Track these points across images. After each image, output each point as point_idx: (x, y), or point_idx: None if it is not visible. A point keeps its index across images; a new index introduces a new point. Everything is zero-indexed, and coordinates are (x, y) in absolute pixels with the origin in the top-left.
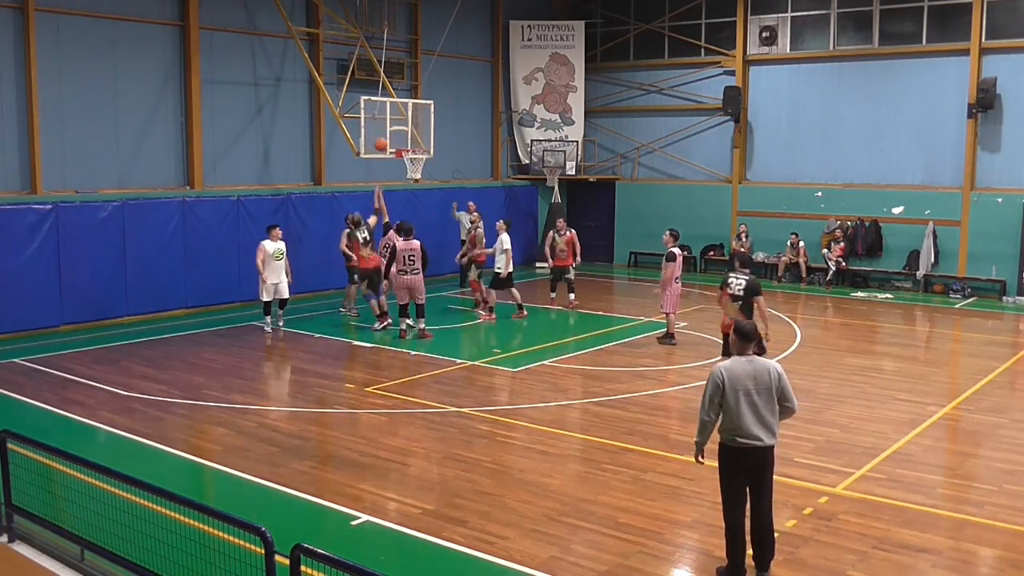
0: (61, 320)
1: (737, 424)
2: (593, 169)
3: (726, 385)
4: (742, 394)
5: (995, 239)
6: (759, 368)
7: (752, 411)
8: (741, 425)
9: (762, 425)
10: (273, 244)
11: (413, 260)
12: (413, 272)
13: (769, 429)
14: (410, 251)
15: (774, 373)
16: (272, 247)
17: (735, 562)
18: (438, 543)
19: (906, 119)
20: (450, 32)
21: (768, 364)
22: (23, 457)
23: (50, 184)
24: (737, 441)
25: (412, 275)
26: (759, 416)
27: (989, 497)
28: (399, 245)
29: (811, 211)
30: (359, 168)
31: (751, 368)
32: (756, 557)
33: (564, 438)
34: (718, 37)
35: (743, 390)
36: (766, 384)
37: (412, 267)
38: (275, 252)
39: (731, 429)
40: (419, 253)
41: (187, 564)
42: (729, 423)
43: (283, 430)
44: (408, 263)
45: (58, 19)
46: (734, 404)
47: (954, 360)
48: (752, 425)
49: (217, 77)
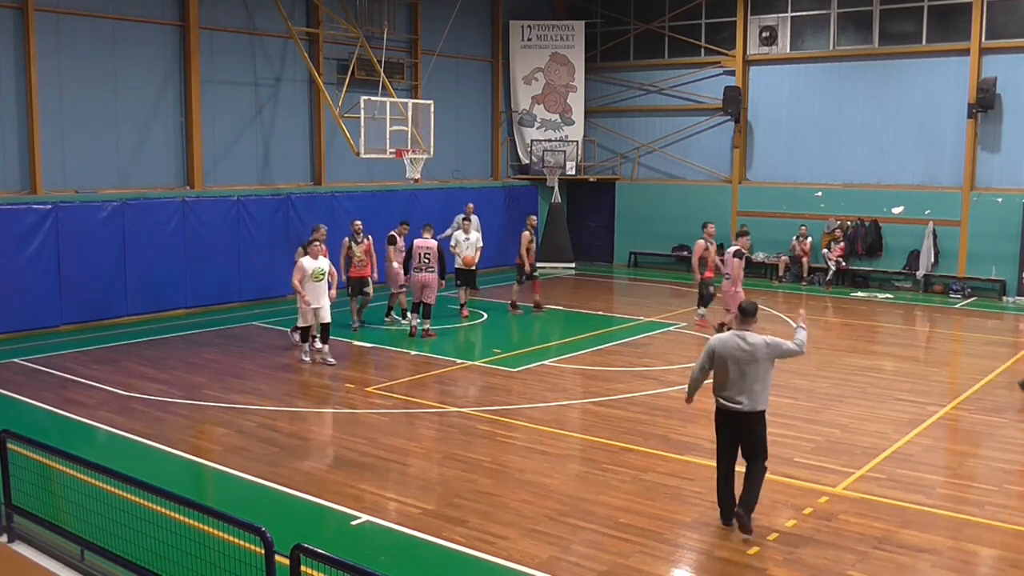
0: (61, 320)
1: (724, 388)
2: (593, 169)
3: (716, 353)
4: (730, 362)
5: (995, 239)
6: (750, 343)
7: (738, 378)
8: (726, 388)
9: (745, 392)
10: (313, 263)
11: (428, 258)
12: (428, 270)
13: (751, 396)
14: (426, 249)
15: (762, 347)
16: (312, 266)
17: (721, 507)
18: (438, 543)
19: (906, 119)
20: (450, 32)
21: (758, 339)
22: (23, 457)
23: (50, 184)
24: (721, 402)
25: (427, 273)
26: (743, 384)
27: (989, 497)
28: (416, 243)
29: (811, 211)
30: (359, 168)
31: (742, 342)
32: (741, 498)
33: (564, 438)
34: (718, 37)
35: (731, 359)
36: (753, 357)
37: (427, 265)
38: (315, 272)
39: (719, 391)
40: (435, 252)
41: (187, 564)
42: (718, 386)
43: (283, 430)
44: (423, 260)
45: (58, 19)
46: (722, 370)
47: (954, 360)
48: (735, 390)
49: (217, 77)
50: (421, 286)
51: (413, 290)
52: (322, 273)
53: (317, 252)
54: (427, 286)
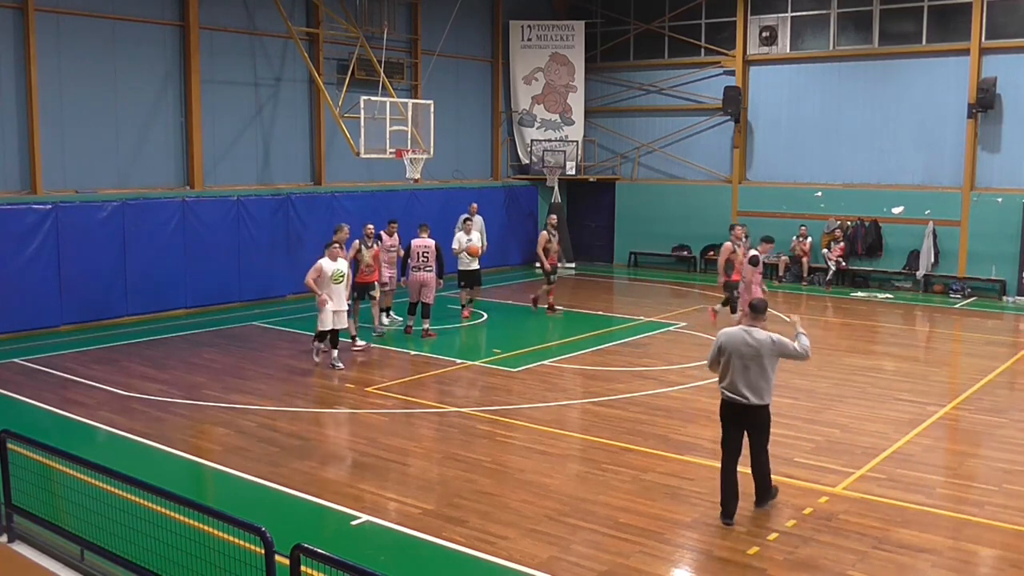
0: (61, 320)
1: (729, 381)
2: (593, 169)
3: (722, 347)
4: (735, 358)
5: (995, 239)
6: (755, 340)
7: (743, 373)
8: (731, 382)
9: (748, 387)
10: (332, 264)
11: (427, 257)
12: (426, 269)
13: (756, 391)
14: (424, 248)
15: (767, 344)
16: (331, 267)
17: (723, 503)
18: (438, 543)
19: (906, 119)
20: (450, 32)
21: (763, 337)
22: (23, 457)
23: (50, 184)
24: (726, 395)
25: (425, 272)
26: (747, 379)
27: (989, 497)
28: (414, 242)
29: (811, 211)
30: (359, 168)
31: (748, 337)
32: (756, 494)
33: (564, 438)
34: (718, 37)
35: (736, 354)
36: (757, 353)
37: (425, 264)
38: (335, 274)
39: (724, 384)
40: (433, 252)
41: (187, 564)
42: (724, 379)
43: (283, 430)
44: (421, 260)
45: (58, 19)
46: (727, 365)
47: (954, 360)
48: (739, 384)
49: (217, 77)
50: (419, 285)
51: (411, 290)
52: (341, 275)
53: (336, 254)
54: (425, 285)
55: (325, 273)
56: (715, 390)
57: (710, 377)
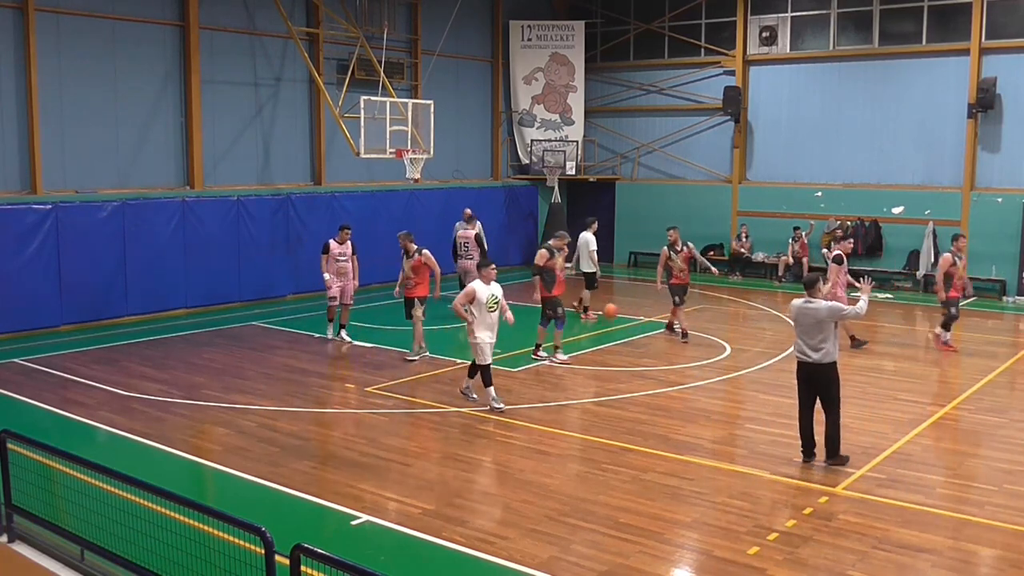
0: (61, 320)
1: (797, 343)
2: (593, 169)
3: (792, 315)
4: (799, 324)
5: (995, 239)
6: (811, 308)
7: (803, 335)
8: (797, 343)
9: (808, 346)
10: (486, 289)
11: (467, 247)
12: (467, 257)
13: (816, 350)
14: (465, 239)
15: (824, 310)
16: (486, 293)
17: (802, 443)
18: (438, 543)
19: (906, 119)
20: (450, 32)
21: (822, 304)
22: (23, 457)
23: (50, 184)
24: (797, 355)
25: (467, 260)
26: (806, 340)
27: (989, 497)
28: (458, 234)
29: (811, 211)
30: (359, 168)
31: (806, 307)
32: (825, 451)
33: (564, 438)
34: (718, 37)
35: (797, 320)
36: (815, 318)
37: (467, 253)
38: (489, 300)
39: (795, 347)
40: (473, 241)
41: (187, 564)
42: (796, 342)
43: (283, 430)
44: (463, 249)
45: (58, 19)
46: (796, 329)
47: (954, 360)
48: (802, 344)
49: (217, 77)
50: (464, 272)
51: (460, 274)
52: (496, 301)
53: (490, 276)
54: (468, 271)
55: (480, 299)
56: (715, 390)
57: (710, 377)
